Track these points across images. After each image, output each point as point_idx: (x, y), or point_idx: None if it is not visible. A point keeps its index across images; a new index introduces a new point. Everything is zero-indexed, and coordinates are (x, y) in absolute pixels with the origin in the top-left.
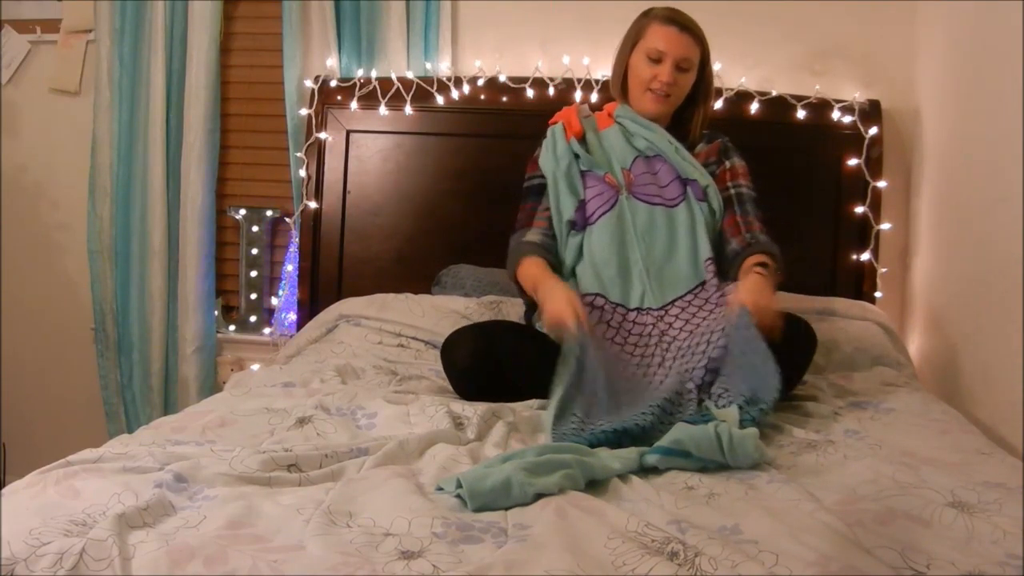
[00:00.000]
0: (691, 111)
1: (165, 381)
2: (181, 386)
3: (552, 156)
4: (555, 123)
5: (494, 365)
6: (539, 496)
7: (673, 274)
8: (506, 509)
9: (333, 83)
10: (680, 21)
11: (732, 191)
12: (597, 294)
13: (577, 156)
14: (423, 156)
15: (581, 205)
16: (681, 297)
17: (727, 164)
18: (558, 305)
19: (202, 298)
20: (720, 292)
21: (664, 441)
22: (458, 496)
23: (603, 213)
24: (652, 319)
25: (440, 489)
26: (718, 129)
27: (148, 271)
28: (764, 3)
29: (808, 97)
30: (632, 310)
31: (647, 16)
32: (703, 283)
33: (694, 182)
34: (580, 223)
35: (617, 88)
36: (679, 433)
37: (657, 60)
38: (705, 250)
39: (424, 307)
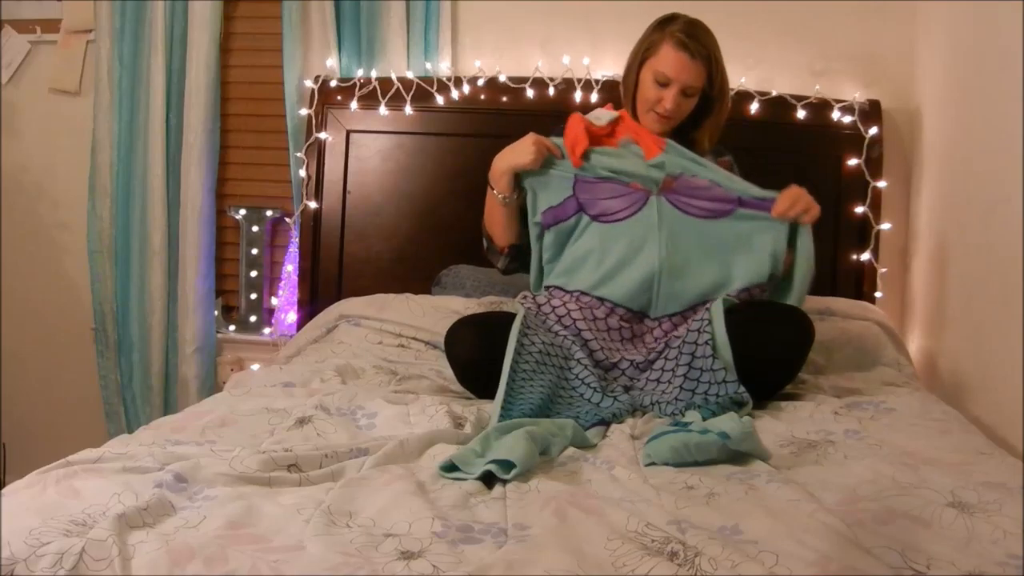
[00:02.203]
0: (699, 124)
1: (165, 381)
2: (181, 386)
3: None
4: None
5: (498, 356)
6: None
7: (688, 286)
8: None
9: (333, 83)
10: (692, 48)
11: None
12: (582, 292)
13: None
14: (423, 156)
15: (558, 207)
16: (680, 313)
17: None
18: (521, 144)
19: (202, 298)
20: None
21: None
22: (456, 476)
23: (631, 214)
24: (644, 328)
25: (449, 468)
26: (723, 142)
27: (148, 271)
28: (764, 3)
29: (808, 97)
30: (624, 308)
31: (662, 31)
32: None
33: (759, 201)
34: (548, 222)
35: (629, 98)
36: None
37: (664, 84)
38: (743, 275)
39: (424, 307)
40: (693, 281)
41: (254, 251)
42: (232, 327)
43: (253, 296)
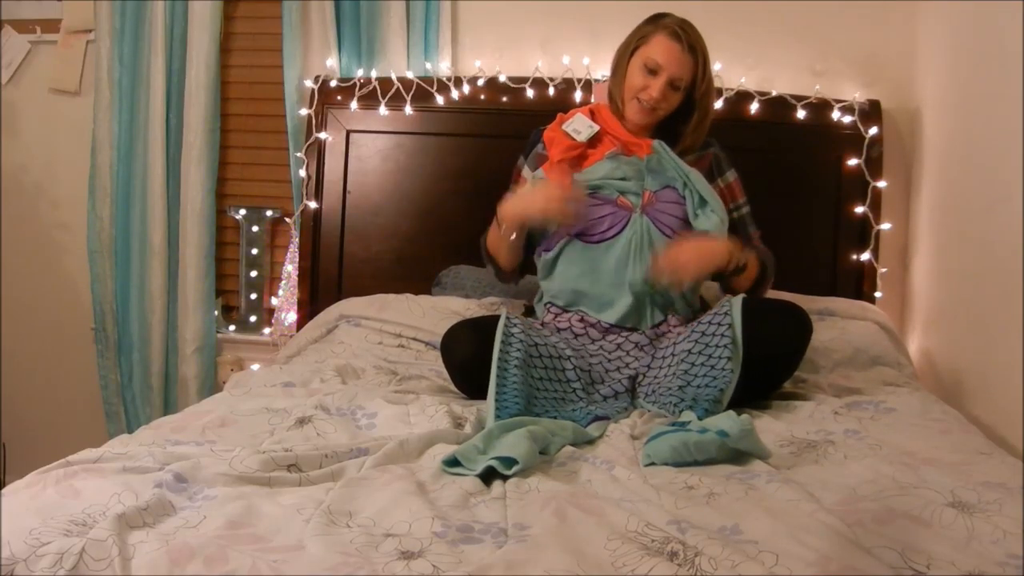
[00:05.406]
0: (685, 121)
1: (165, 381)
2: (181, 386)
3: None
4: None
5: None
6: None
7: (674, 299)
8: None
9: (333, 83)
10: (684, 40)
11: (735, 215)
12: (578, 309)
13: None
14: (423, 156)
15: (551, 237)
16: (665, 321)
17: (721, 183)
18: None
19: (202, 298)
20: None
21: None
22: (457, 471)
23: (616, 233)
24: (631, 339)
25: (452, 463)
26: (711, 132)
27: (148, 271)
28: (764, 3)
29: (808, 97)
30: (614, 327)
31: (656, 24)
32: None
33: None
34: (549, 246)
35: (618, 89)
36: (662, 441)
37: (653, 72)
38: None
39: (424, 308)
40: (675, 294)
41: (254, 251)
42: (232, 327)
43: (253, 296)
